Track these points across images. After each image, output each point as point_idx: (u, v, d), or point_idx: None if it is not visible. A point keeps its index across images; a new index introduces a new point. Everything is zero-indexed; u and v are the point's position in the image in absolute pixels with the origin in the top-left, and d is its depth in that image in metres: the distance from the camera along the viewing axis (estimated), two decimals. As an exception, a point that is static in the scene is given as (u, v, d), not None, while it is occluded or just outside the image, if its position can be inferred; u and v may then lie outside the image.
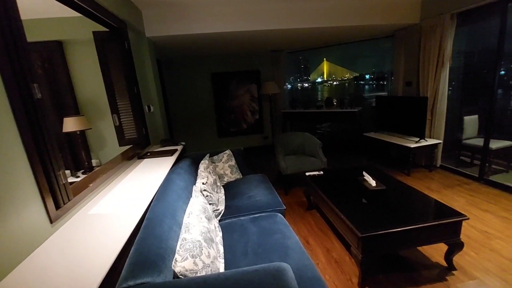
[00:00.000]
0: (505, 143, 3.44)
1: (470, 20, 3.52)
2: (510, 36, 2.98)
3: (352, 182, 2.52)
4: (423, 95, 3.83)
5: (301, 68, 8.81)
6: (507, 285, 1.80)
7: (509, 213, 2.65)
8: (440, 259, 2.04)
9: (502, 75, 3.14)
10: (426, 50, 3.73)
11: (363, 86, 11.54)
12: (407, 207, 2.12)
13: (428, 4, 3.73)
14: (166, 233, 1.31)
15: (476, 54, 4.18)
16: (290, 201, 3.29)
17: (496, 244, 2.22)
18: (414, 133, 3.79)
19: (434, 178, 3.66)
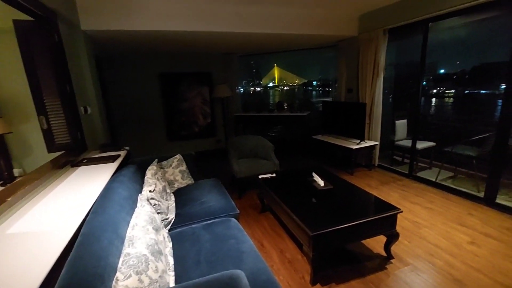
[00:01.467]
0: (428, 143, 3.98)
1: (399, 36, 4.01)
2: (431, 51, 3.47)
3: (303, 183, 2.62)
4: (362, 101, 4.22)
5: (253, 73, 8.95)
6: (434, 267, 2.05)
7: (433, 205, 3.06)
8: (380, 250, 2.23)
9: (424, 85, 3.63)
10: (363, 61, 4.12)
11: (311, 92, 12.24)
12: (352, 204, 2.28)
13: (364, 19, 4.14)
14: (106, 249, 1.16)
15: (404, 66, 4.79)
16: (244, 204, 3.27)
17: (424, 232, 2.53)
18: (356, 136, 4.14)
19: (373, 176, 4.04)
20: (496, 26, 3.77)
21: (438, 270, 2.02)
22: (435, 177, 3.67)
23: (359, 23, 4.24)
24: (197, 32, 3.41)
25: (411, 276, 1.97)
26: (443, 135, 4.36)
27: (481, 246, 2.28)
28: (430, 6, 3.14)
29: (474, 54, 5.26)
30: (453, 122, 4.82)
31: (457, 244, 2.32)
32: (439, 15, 3.12)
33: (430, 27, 3.35)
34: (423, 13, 3.23)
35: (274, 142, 3.88)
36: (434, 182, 3.57)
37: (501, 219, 2.69)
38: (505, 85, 2.72)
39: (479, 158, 3.35)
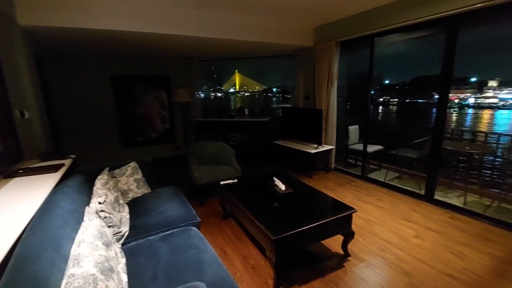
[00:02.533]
0: (377, 147, 4.34)
1: (350, 48, 4.34)
2: (377, 63, 3.81)
3: (264, 188, 2.63)
4: (319, 107, 4.44)
5: (214, 78, 8.85)
6: (386, 261, 2.21)
7: (383, 203, 3.32)
8: (338, 249, 2.34)
9: (372, 94, 3.97)
10: (319, 70, 4.36)
11: (272, 98, 12.53)
12: (312, 206, 2.36)
13: (319, 31, 4.40)
14: (46, 271, 1.02)
15: (355, 76, 5.19)
16: (206, 212, 3.18)
17: (376, 229, 2.72)
18: (314, 140, 4.33)
19: (330, 178, 4.26)
20: (431, 44, 4.30)
21: (389, 264, 2.18)
22: (384, 178, 4.00)
23: (314, 34, 4.49)
24: (154, 34, 3.27)
25: (366, 271, 2.09)
26: (389, 139, 4.80)
27: (424, 239, 2.53)
28: (375, 22, 3.46)
29: (412, 68, 5.92)
30: (397, 127, 5.34)
31: (405, 238, 2.54)
32: (383, 31, 3.46)
33: (376, 42, 3.69)
34: (369, 28, 3.55)
35: (236, 147, 3.87)
36: (383, 182, 3.89)
37: (439, 213, 3.02)
38: (438, 95, 3.09)
39: (419, 160, 3.74)
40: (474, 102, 40.85)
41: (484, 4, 2.48)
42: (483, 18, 2.75)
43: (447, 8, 2.73)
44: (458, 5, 2.65)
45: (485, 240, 2.47)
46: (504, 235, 2.55)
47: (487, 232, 2.61)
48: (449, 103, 37.92)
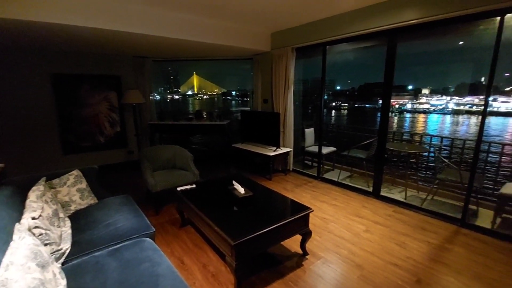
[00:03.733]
0: (331, 149, 4.59)
1: (305, 55, 4.54)
2: (329, 70, 4.05)
3: (224, 192, 2.59)
4: (276, 111, 4.55)
5: (171, 79, 8.51)
6: (340, 256, 2.33)
7: (337, 201, 3.51)
8: (297, 248, 2.40)
9: (325, 99, 4.20)
10: (276, 74, 4.47)
11: (231, 101, 12.48)
12: (271, 208, 2.39)
13: (275, 37, 4.52)
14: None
15: (310, 82, 5.45)
16: (162, 220, 3.01)
17: (331, 226, 2.86)
18: (272, 143, 4.42)
19: (289, 180, 4.38)
20: (375, 54, 4.72)
21: (343, 259, 2.31)
22: (337, 177, 4.25)
23: (271, 40, 4.60)
24: (101, 29, 3.00)
25: (323, 268, 2.18)
26: (342, 141, 5.13)
27: (373, 232, 2.73)
28: (326, 31, 3.68)
29: (360, 75, 6.44)
30: (348, 130, 5.73)
31: (356, 233, 2.72)
32: (333, 40, 3.69)
33: (327, 50, 3.93)
34: (321, 37, 3.76)
35: (194, 151, 3.75)
36: (337, 182, 4.13)
37: (385, 208, 3.31)
38: (381, 101, 3.40)
39: (367, 160, 4.06)
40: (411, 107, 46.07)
41: (417, 21, 2.80)
42: (416, 33, 3.12)
43: (387, 22, 3.03)
44: (396, 20, 2.95)
45: (422, 230, 2.77)
46: (437, 224, 2.89)
47: (424, 222, 2.93)
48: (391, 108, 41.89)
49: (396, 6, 2.94)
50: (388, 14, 3.02)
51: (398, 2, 2.92)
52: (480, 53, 8.46)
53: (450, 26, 2.84)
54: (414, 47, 11.61)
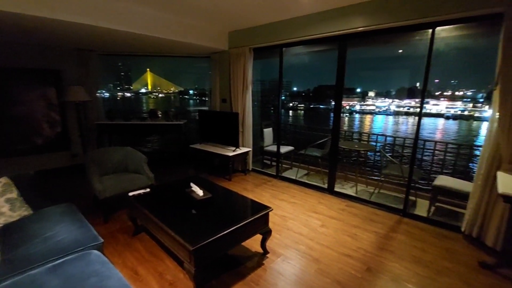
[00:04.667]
0: (289, 148, 4.73)
1: (263, 56, 4.59)
2: (286, 71, 4.16)
3: (181, 195, 2.48)
4: (235, 111, 4.53)
5: (122, 76, 7.93)
6: (299, 252, 2.40)
7: (295, 199, 3.62)
8: (258, 248, 2.40)
9: (283, 99, 4.31)
10: (234, 74, 4.45)
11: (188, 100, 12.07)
12: (231, 210, 2.35)
13: (233, 36, 4.49)
14: None
15: (269, 82, 5.54)
16: (112, 229, 2.76)
17: (290, 223, 2.94)
18: (231, 143, 4.39)
19: (249, 180, 4.39)
20: (328, 58, 4.99)
21: (302, 254, 2.38)
22: (295, 175, 4.39)
23: (229, 38, 4.56)
24: (35, 17, 2.63)
25: (283, 265, 2.23)
26: (299, 141, 5.32)
27: (328, 227, 2.88)
28: (283, 33, 3.77)
29: (315, 77, 6.75)
30: (305, 130, 5.96)
31: (313, 228, 2.84)
32: (289, 42, 3.80)
33: (284, 51, 4.03)
34: (278, 38, 3.84)
35: (149, 153, 3.53)
36: (295, 180, 4.27)
37: (338, 203, 3.51)
38: (333, 102, 3.61)
39: (322, 158, 4.28)
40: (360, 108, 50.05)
41: (364, 28, 3.03)
42: (363, 40, 3.37)
43: (338, 28, 3.22)
44: (346, 27, 3.15)
45: (371, 221, 3.01)
46: (383, 215, 3.17)
47: (372, 214, 3.19)
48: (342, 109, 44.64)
49: (346, 14, 3.14)
50: (339, 20, 3.20)
51: (348, 10, 3.12)
52: (416, 61, 9.77)
53: (391, 35, 3.14)
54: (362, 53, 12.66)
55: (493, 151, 2.39)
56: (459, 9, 2.43)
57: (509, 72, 2.20)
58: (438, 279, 2.10)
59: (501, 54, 2.23)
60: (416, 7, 2.65)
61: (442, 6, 2.51)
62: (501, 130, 2.30)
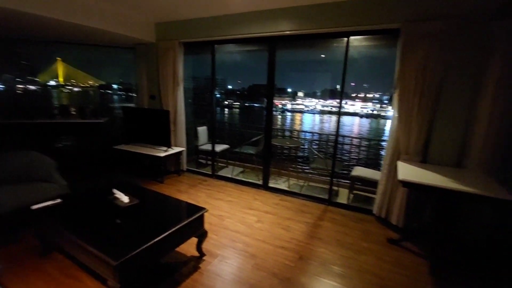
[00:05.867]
0: (224, 146, 4.70)
1: (194, 51, 4.43)
2: (220, 69, 4.11)
3: (102, 204, 2.19)
4: (166, 108, 4.25)
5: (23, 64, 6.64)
6: (236, 250, 2.41)
7: (231, 197, 3.62)
8: (193, 251, 2.31)
9: (218, 97, 4.26)
10: (163, 69, 4.17)
11: (112, 96, 10.85)
12: (162, 215, 2.19)
13: (161, 28, 4.19)
14: None
15: (203, 79, 5.38)
16: (14, 251, 2.26)
17: (226, 222, 2.92)
18: (162, 143, 4.11)
19: (183, 181, 4.20)
20: (260, 57, 5.13)
21: (239, 252, 2.40)
22: (231, 173, 4.40)
23: (156, 30, 4.23)
24: None
25: (220, 266, 2.19)
26: (234, 138, 5.35)
27: (264, 222, 2.97)
28: (215, 30, 3.71)
29: (249, 76, 6.88)
30: (240, 128, 6.04)
31: (250, 225, 2.89)
32: (221, 39, 3.76)
33: (216, 49, 3.97)
34: (210, 35, 3.76)
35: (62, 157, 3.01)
36: (231, 178, 4.28)
37: (273, 197, 3.67)
38: (266, 100, 3.74)
39: (257, 155, 4.40)
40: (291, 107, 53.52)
41: (290, 32, 3.22)
42: (291, 43, 3.58)
43: (267, 30, 3.33)
44: (274, 29, 3.29)
45: (302, 212, 3.24)
46: (313, 206, 3.45)
47: (303, 206, 3.43)
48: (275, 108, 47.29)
49: (275, 17, 3.27)
50: (269, 23, 3.32)
51: (277, 13, 3.25)
52: (336, 65, 11.12)
53: (315, 41, 3.42)
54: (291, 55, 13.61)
55: (394, 144, 2.85)
56: (366, 22, 2.80)
57: (404, 79, 2.65)
58: (358, 258, 2.39)
59: (399, 63, 2.66)
60: (333, 17, 2.95)
61: (353, 18, 2.86)
62: (399, 126, 2.76)
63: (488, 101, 2.35)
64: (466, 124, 2.55)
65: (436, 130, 2.67)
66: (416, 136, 2.68)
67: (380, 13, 2.72)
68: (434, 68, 2.51)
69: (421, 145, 2.72)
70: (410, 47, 2.57)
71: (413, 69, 2.58)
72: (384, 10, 2.70)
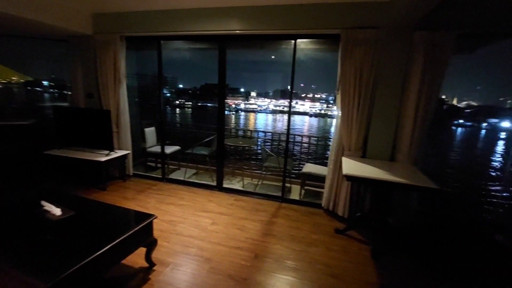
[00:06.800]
0: (175, 148, 4.49)
1: (138, 47, 4.13)
2: (170, 67, 3.91)
3: (28, 218, 1.89)
4: (106, 108, 3.88)
5: None
6: (190, 256, 2.31)
7: (184, 201, 3.47)
8: (142, 262, 2.14)
9: (169, 96, 4.04)
10: (103, 65, 3.79)
11: (42, 94, 9.50)
12: (103, 225, 1.98)
13: (99, 19, 3.79)
14: None
15: (150, 77, 5.04)
16: None
17: (179, 228, 2.79)
18: (103, 146, 3.74)
19: (129, 186, 3.88)
20: (212, 56, 5.02)
21: (192, 257, 2.30)
22: (184, 176, 4.23)
23: (93, 21, 3.82)
24: None
25: (172, 274, 2.08)
26: (186, 139, 5.14)
27: (219, 224, 2.91)
28: (161, 25, 3.50)
29: (202, 75, 6.69)
30: (193, 128, 5.83)
31: (204, 228, 2.80)
32: (168, 35, 3.58)
33: (163, 45, 3.75)
34: (155, 30, 3.54)
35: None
36: (183, 181, 4.10)
37: (227, 198, 3.63)
38: (218, 100, 3.68)
39: (210, 156, 4.31)
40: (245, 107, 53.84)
41: (240, 32, 3.22)
42: (241, 43, 3.59)
43: (217, 28, 3.27)
44: (224, 28, 3.25)
45: (257, 211, 3.27)
46: (267, 204, 3.51)
47: (258, 204, 3.47)
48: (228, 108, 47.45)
49: (225, 15, 3.22)
50: (219, 21, 3.26)
51: (227, 12, 3.21)
52: (285, 67, 11.61)
53: (265, 42, 3.48)
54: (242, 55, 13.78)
55: (338, 141, 3.07)
56: (311, 27, 2.95)
57: (345, 80, 2.86)
58: (309, 250, 2.50)
59: (340, 66, 2.87)
60: (281, 20, 3.03)
61: (299, 22, 2.98)
62: (342, 125, 2.97)
63: (412, 102, 2.68)
64: (397, 123, 2.87)
65: (373, 128, 2.94)
66: (356, 134, 2.92)
67: (324, 19, 2.89)
68: (369, 71, 2.77)
69: (361, 142, 2.97)
70: (348, 51, 2.78)
71: (352, 72, 2.80)
72: (327, 17, 2.87)
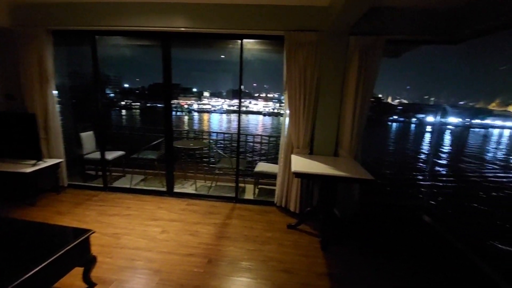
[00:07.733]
0: (118, 153, 4.12)
1: (69, 42, 3.68)
2: (111, 65, 3.57)
3: None
4: (31, 111, 3.36)
5: None
6: (136, 270, 2.13)
7: (130, 210, 3.21)
8: (80, 283, 1.91)
9: (112, 97, 3.67)
10: (25, 62, 3.28)
11: None
12: (23, 250, 1.70)
13: (19, 10, 3.26)
14: None
15: (88, 76, 4.52)
16: None
17: (124, 240, 2.56)
18: (29, 155, 3.24)
19: (64, 199, 3.44)
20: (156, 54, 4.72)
21: (140, 271, 2.13)
22: (130, 183, 3.92)
23: (11, 12, 3.28)
24: None
25: (115, 293, 1.90)
26: (132, 143, 4.76)
27: (169, 231, 2.76)
28: (94, 18, 3.17)
29: (149, 74, 6.25)
30: (139, 131, 5.44)
31: (153, 238, 2.62)
32: (104, 30, 3.26)
33: (98, 40, 3.40)
34: (88, 23, 3.19)
35: None
36: (129, 188, 3.80)
37: (179, 203, 3.47)
38: (163, 100, 3.48)
39: (159, 160, 4.07)
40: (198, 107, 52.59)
41: (186, 29, 3.09)
42: (187, 41, 3.45)
43: (160, 24, 3.09)
44: (168, 24, 3.08)
45: (210, 214, 3.19)
46: (221, 206, 3.45)
47: (211, 207, 3.39)
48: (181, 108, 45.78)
49: (169, 11, 3.05)
50: (162, 17, 3.07)
51: (171, 7, 3.04)
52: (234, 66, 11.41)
53: (212, 40, 3.41)
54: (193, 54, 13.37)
55: (288, 140, 3.16)
56: (256, 27, 2.97)
57: (291, 81, 2.96)
58: (263, 248, 2.53)
59: (286, 67, 2.96)
60: (227, 19, 3.00)
61: (245, 22, 2.98)
62: (291, 123, 3.07)
63: (351, 100, 2.90)
64: (338, 120, 3.07)
65: (318, 126, 3.10)
66: (304, 132, 3.05)
67: (268, 21, 2.94)
68: (312, 72, 2.91)
69: (309, 139, 3.11)
70: (292, 52, 2.89)
71: (297, 73, 2.91)
72: (271, 18, 2.93)
